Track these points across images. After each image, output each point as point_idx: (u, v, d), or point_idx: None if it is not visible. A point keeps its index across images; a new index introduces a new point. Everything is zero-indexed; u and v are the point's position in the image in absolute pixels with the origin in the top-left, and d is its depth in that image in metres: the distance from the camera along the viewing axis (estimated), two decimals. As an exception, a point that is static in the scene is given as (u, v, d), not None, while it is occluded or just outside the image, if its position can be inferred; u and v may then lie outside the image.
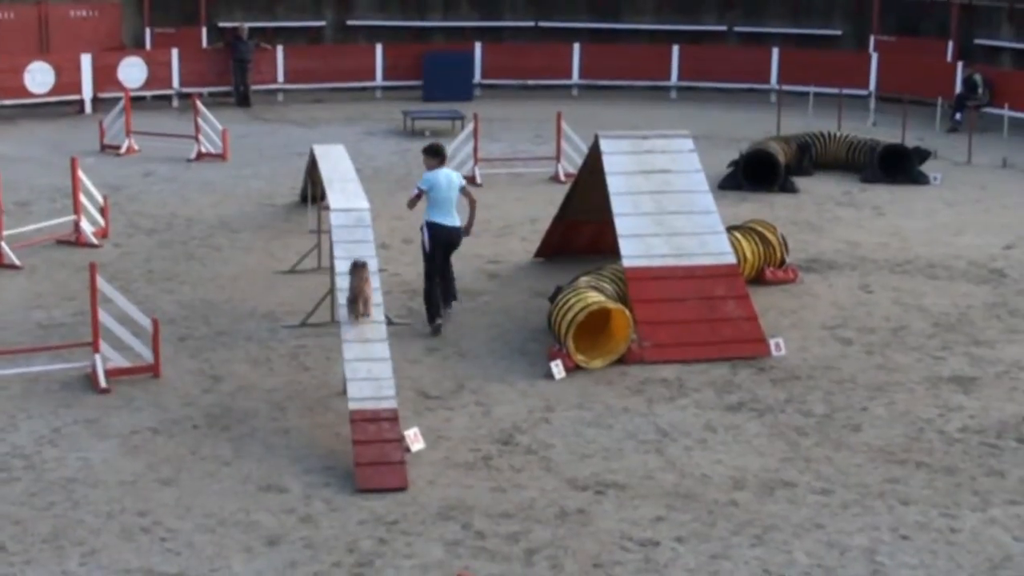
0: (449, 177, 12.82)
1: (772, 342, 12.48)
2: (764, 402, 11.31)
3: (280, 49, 27.11)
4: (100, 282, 11.37)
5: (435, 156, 12.93)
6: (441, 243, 12.89)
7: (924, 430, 10.78)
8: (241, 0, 28.25)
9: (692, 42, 29.00)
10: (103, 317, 11.43)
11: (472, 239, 16.30)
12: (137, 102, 24.34)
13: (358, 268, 10.71)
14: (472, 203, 13.14)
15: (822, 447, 10.41)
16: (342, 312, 10.77)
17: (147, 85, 25.91)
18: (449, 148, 19.59)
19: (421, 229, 12.98)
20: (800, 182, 19.98)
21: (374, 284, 10.85)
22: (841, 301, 14.23)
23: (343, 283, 10.91)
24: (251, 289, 14.24)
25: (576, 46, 28.32)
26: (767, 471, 9.94)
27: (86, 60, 25.19)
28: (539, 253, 15.49)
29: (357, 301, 10.59)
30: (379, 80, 27.60)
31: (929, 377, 12.02)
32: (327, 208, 12.10)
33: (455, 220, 12.90)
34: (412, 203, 12.97)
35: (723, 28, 29.57)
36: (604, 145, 13.56)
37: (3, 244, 15.00)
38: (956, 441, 10.57)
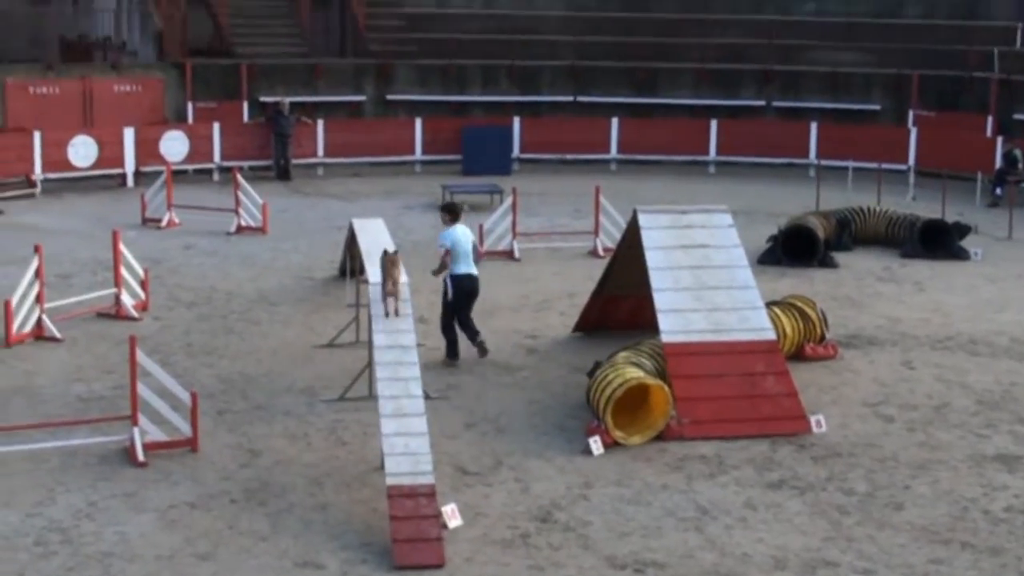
0: (465, 232, 14.26)
1: (812, 419, 12.39)
2: (805, 480, 11.22)
3: (320, 123, 27.40)
4: (139, 355, 11.44)
5: (451, 213, 14.36)
6: (465, 292, 14.20)
7: (968, 509, 10.65)
8: (282, 75, 28.63)
9: (730, 117, 29.14)
10: (142, 390, 11.49)
11: (510, 313, 16.36)
12: (178, 176, 24.61)
13: (388, 255, 11.46)
14: (479, 257, 14.65)
15: (864, 526, 10.29)
16: (380, 386, 10.77)
17: (189, 159, 26.21)
18: (487, 222, 19.79)
19: (444, 282, 14.24)
20: (840, 257, 19.94)
21: (414, 359, 10.88)
22: (882, 377, 14.13)
23: (382, 357, 10.94)
24: (289, 363, 14.29)
25: (614, 120, 28.49)
26: (809, 550, 9.83)
27: (129, 134, 25.54)
28: (577, 328, 15.49)
29: (387, 282, 11.25)
30: (418, 154, 27.83)
31: (973, 455, 11.89)
32: (366, 282, 12.16)
33: (474, 270, 14.25)
34: (443, 265, 14.11)
35: (761, 103, 29.72)
36: (643, 220, 13.59)
37: (44, 317, 15.13)
38: (1001, 521, 10.43)
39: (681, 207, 14.11)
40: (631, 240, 13.98)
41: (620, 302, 15.02)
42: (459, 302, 14.20)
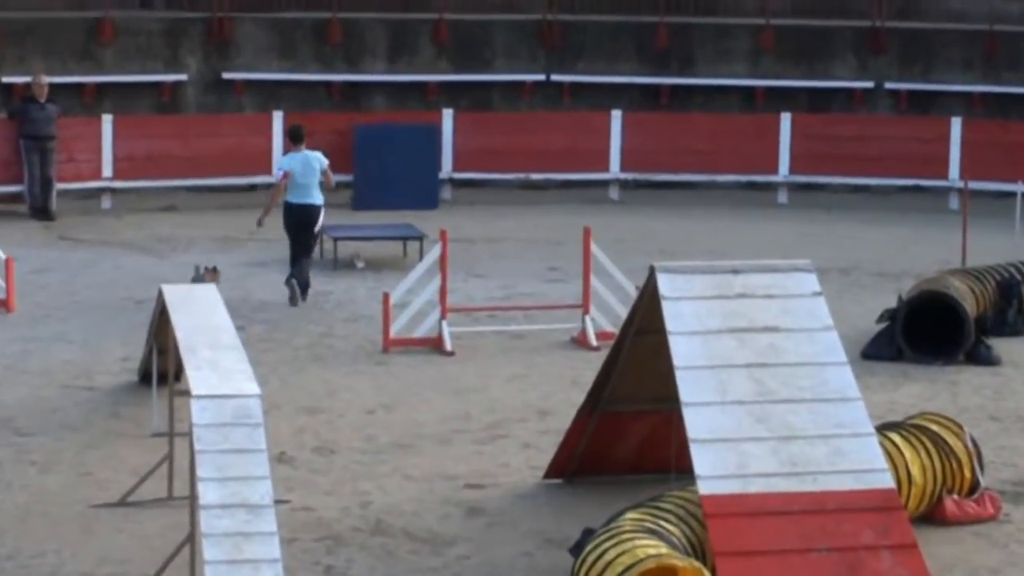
0: (306, 159, 21.36)
1: (960, 625, 12.41)
2: None
3: (108, 121, 27.31)
4: None
5: (292, 139, 21.74)
6: (292, 224, 21.34)
7: None
8: (42, 41, 28.49)
9: (815, 109, 29.31)
10: None
11: (438, 446, 16.33)
12: None
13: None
14: (329, 188, 21.79)
15: None
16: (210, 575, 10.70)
17: None
18: (397, 289, 19.78)
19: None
20: (1003, 346, 20.01)
21: (270, 526, 10.82)
22: (1078, 553, 14.18)
23: (213, 525, 10.86)
24: (52, 534, 14.18)
25: (616, 116, 28.62)
26: None
27: None
28: (554, 471, 15.46)
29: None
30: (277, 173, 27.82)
31: None
32: (185, 394, 12.11)
33: (310, 199, 21.29)
34: (276, 194, 21.48)
35: (867, 84, 29.83)
36: (665, 284, 13.61)
37: None
38: None
39: (731, 263, 14.15)
40: (645, 320, 14.01)
41: (627, 425, 15.01)
42: (288, 233, 21.33)
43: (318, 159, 21.39)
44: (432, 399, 17.91)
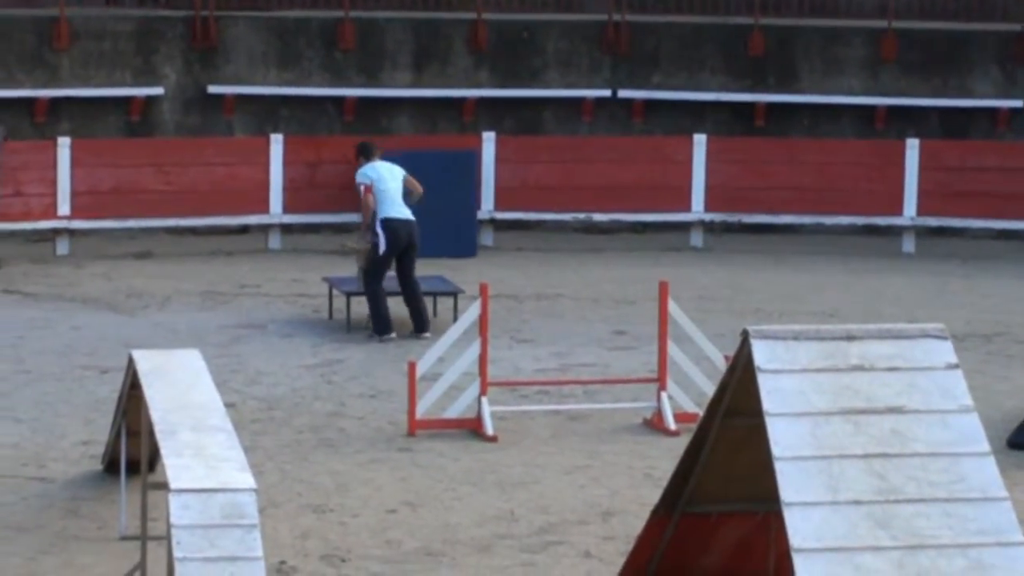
0: (388, 167, 23.50)
1: None
2: None
3: (65, 146, 27.34)
4: None
5: (364, 155, 23.79)
6: (401, 241, 22.84)
7: None
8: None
9: (949, 134, 29.19)
10: None
11: (476, 555, 16.34)
12: None
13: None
14: (418, 197, 23.59)
15: None
16: None
17: None
18: (424, 358, 19.75)
19: (375, 231, 22.87)
20: None
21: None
22: None
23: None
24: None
25: (700, 141, 28.57)
26: None
27: None
28: (622, 586, 15.50)
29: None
30: (276, 211, 27.99)
31: None
32: (161, 488, 12.14)
33: (408, 213, 23.09)
34: (368, 207, 23.06)
35: (1015, 103, 29.57)
36: (762, 354, 13.61)
37: None
38: None
39: (845, 327, 14.14)
40: (736, 398, 14.02)
41: (713, 530, 14.99)
42: (391, 256, 22.79)
43: (398, 168, 23.69)
44: (469, 495, 17.88)
